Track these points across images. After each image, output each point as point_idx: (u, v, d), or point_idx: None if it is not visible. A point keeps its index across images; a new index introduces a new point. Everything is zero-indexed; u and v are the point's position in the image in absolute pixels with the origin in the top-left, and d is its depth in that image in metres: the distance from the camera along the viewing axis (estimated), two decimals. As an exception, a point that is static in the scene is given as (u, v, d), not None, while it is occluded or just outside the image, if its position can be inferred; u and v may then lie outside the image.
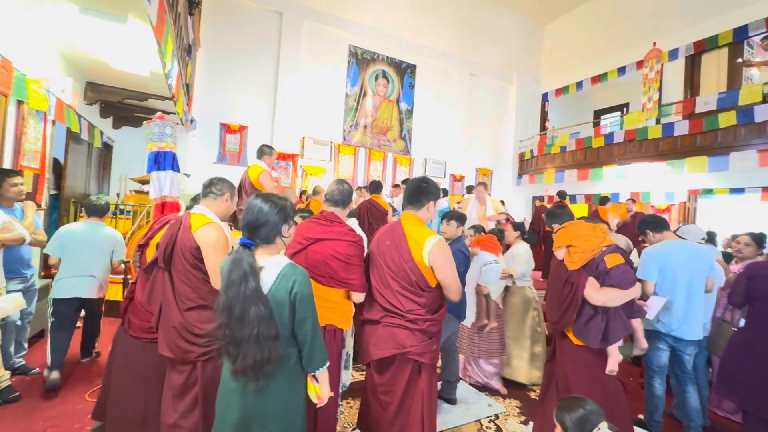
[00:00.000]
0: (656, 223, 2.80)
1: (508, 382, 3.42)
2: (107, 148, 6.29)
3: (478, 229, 3.74)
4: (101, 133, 5.30)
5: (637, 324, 2.19)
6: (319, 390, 1.47)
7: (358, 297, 2.00)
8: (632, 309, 2.14)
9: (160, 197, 3.66)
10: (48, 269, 3.43)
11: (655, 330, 2.66)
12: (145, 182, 4.99)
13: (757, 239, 3.13)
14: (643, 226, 2.84)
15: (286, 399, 1.41)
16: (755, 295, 2.34)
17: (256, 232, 1.39)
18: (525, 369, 3.40)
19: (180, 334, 1.80)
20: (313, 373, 1.45)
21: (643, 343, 2.24)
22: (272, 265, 1.37)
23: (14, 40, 3.29)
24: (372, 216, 4.70)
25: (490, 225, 5.20)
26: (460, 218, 2.95)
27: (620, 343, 2.05)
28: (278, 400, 1.38)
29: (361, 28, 8.46)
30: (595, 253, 2.11)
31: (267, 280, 1.35)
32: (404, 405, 1.89)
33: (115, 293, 4.21)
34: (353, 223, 2.81)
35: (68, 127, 4.19)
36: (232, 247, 1.98)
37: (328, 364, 1.47)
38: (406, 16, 8.96)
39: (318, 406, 1.50)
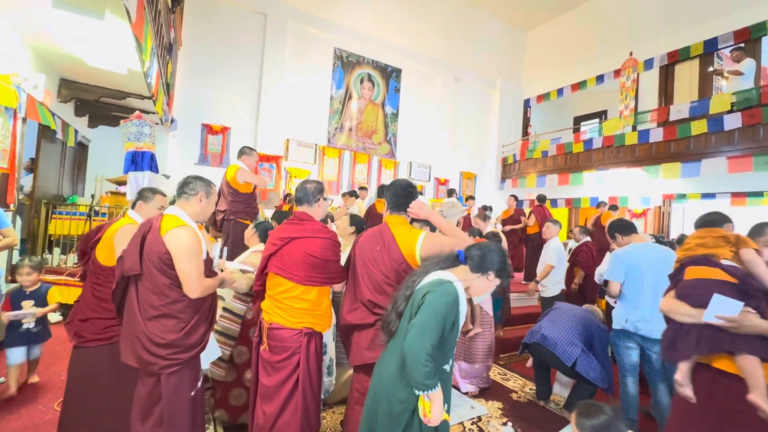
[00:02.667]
0: (624, 227, 2.94)
1: (493, 384, 3.44)
2: (82, 148, 6.09)
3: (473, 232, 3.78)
4: (76, 132, 5.12)
5: (749, 365, 1.51)
6: (428, 407, 1.39)
7: (339, 287, 2.11)
8: (720, 338, 1.57)
9: (137, 198, 3.56)
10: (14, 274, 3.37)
11: (624, 329, 2.74)
12: (121, 183, 4.85)
13: None
14: (612, 229, 2.99)
15: (397, 390, 1.50)
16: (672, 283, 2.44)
17: (467, 252, 1.64)
18: None
19: (142, 344, 1.68)
20: (420, 394, 1.41)
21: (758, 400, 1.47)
22: (439, 274, 1.57)
23: (-18, 33, 3.15)
24: (371, 220, 4.77)
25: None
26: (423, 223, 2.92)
27: (688, 362, 1.69)
28: (390, 378, 1.52)
29: (347, 30, 8.46)
30: (681, 263, 1.97)
31: (424, 281, 1.58)
32: None
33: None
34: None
35: (41, 125, 4.03)
36: (207, 253, 1.90)
37: (433, 391, 1.39)
38: (391, 20, 9.01)
39: (425, 423, 1.42)
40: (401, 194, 2.02)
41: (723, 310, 1.55)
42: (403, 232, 1.94)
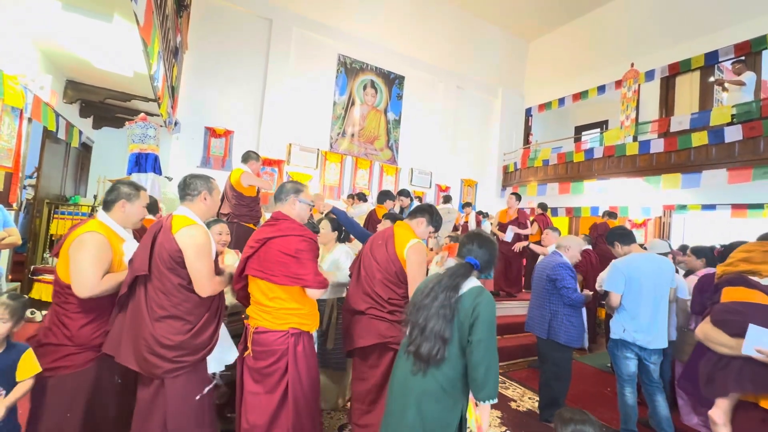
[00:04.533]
0: (624, 236, 2.92)
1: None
2: (86, 149, 6.11)
3: (453, 238, 3.82)
4: (80, 132, 5.15)
5: None
6: (479, 419, 1.48)
7: (313, 293, 1.93)
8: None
9: (140, 200, 3.57)
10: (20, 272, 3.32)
11: (622, 339, 2.74)
12: (124, 184, 4.86)
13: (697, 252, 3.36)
14: (612, 237, 2.96)
15: (445, 403, 1.51)
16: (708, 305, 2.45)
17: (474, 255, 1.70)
18: None
19: (148, 346, 1.62)
20: (478, 401, 1.48)
21: None
22: (469, 283, 1.60)
23: (-9, 34, 3.18)
24: (372, 225, 4.81)
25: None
26: (394, 219, 3.01)
27: (728, 399, 1.47)
28: (436, 397, 1.51)
29: (351, 37, 8.54)
30: (718, 281, 1.70)
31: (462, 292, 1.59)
32: (383, 389, 2.08)
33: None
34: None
35: (44, 125, 4.06)
36: (217, 254, 1.91)
37: (495, 401, 1.48)
38: (395, 28, 9.10)
39: None
40: (417, 208, 2.41)
41: (763, 342, 1.31)
42: (402, 233, 2.29)
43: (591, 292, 3.03)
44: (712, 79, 7.22)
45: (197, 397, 1.75)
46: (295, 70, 7.90)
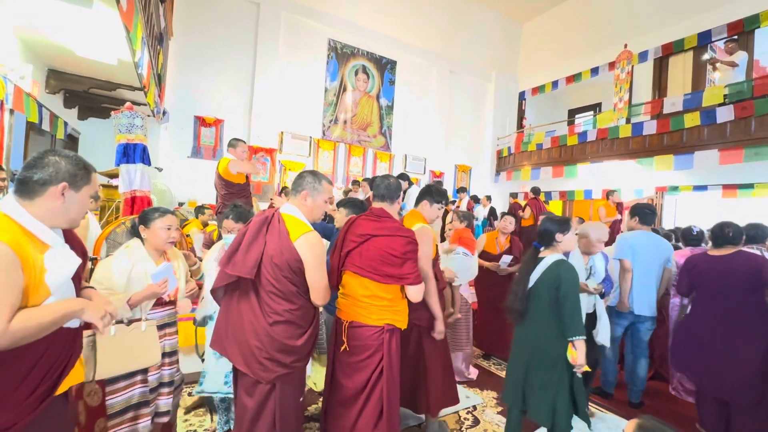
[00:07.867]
0: (645, 215, 3.11)
1: (484, 373, 3.48)
2: (72, 140, 5.97)
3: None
4: (65, 124, 5.03)
5: None
6: (575, 354, 1.93)
7: (413, 290, 1.95)
8: None
9: (129, 191, 3.53)
10: None
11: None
12: (113, 176, 4.77)
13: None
14: (634, 212, 3.17)
15: (554, 341, 2.03)
16: (695, 285, 2.59)
17: (541, 239, 2.20)
18: None
19: (266, 350, 1.60)
20: (570, 340, 1.95)
21: None
22: (548, 258, 2.11)
23: (-34, 21, 3.06)
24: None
25: None
26: (355, 207, 2.84)
27: None
28: (545, 340, 2.06)
29: (341, 21, 8.36)
30: None
31: (542, 267, 2.10)
32: (420, 361, 2.32)
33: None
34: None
35: (27, 117, 3.95)
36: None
37: (583, 337, 1.94)
38: (386, 12, 8.92)
39: (574, 369, 1.97)
40: (420, 193, 2.45)
41: None
42: (409, 221, 2.35)
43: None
44: (705, 56, 7.19)
45: (301, 399, 1.80)
46: (284, 56, 7.74)
